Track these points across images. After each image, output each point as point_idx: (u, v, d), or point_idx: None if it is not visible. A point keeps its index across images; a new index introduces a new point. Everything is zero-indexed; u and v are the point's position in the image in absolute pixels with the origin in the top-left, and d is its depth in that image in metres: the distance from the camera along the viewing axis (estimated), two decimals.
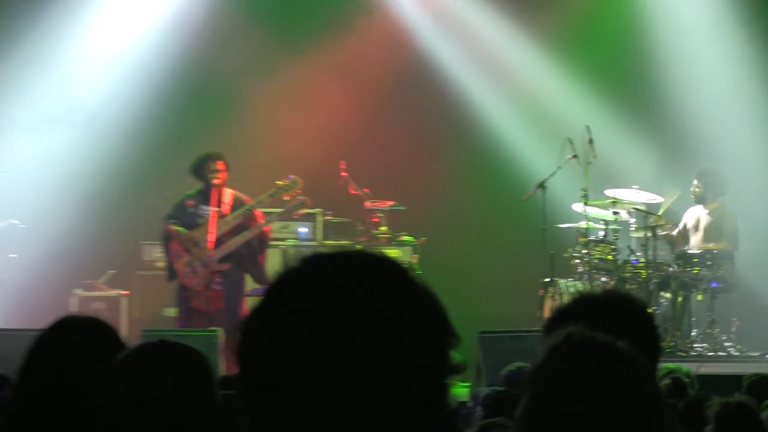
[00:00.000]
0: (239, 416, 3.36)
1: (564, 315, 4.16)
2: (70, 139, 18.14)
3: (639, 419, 3.24)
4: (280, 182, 15.08)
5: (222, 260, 14.71)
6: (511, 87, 18.84)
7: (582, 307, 4.23)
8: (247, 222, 14.77)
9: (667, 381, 8.90)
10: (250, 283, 15.32)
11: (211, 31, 18.83)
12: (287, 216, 16.04)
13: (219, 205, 14.77)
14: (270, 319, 2.37)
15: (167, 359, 3.75)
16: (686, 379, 9.48)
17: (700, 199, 16.90)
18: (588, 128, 16.41)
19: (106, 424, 3.72)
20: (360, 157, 18.14)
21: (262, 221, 14.93)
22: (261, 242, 15.06)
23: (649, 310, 4.21)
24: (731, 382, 10.90)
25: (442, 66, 19.03)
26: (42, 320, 13.15)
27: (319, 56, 18.85)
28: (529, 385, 3.32)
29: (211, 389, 3.81)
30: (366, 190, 17.91)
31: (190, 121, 18.39)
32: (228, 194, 14.91)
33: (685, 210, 17.28)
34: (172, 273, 14.86)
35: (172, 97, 18.42)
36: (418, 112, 18.96)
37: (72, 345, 4.23)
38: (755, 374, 10.29)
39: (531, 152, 18.28)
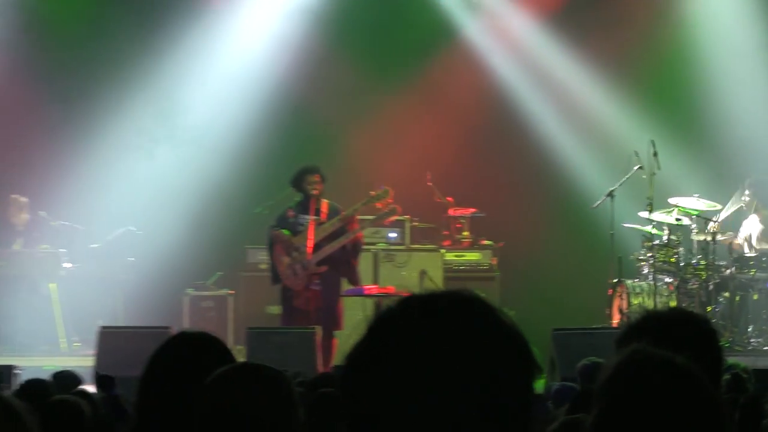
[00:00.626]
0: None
1: (633, 331, 4.15)
2: (180, 155, 18.29)
3: (697, 426, 3.30)
4: (373, 192, 15.08)
5: (320, 263, 14.64)
6: (578, 108, 18.72)
7: (649, 323, 4.21)
8: (344, 227, 14.75)
9: (727, 376, 8.53)
10: (345, 285, 15.22)
11: (309, 58, 18.76)
12: (379, 222, 16.00)
13: (317, 214, 14.72)
14: (375, 357, 2.36)
15: (253, 382, 3.74)
16: (744, 375, 9.36)
17: (751, 207, 17.02)
18: (653, 142, 16.29)
19: None
20: (444, 170, 18.29)
21: (357, 227, 14.91)
22: (355, 246, 15.00)
23: (712, 326, 4.00)
24: None
25: (518, 93, 18.90)
26: (158, 318, 13.84)
27: (409, 83, 18.78)
28: (598, 399, 3.42)
29: (290, 413, 3.79)
30: (450, 199, 18.10)
31: (289, 138, 18.35)
32: (324, 204, 14.86)
33: (743, 218, 17.25)
34: (276, 277, 14.89)
35: (274, 116, 18.47)
36: (497, 132, 18.89)
37: (184, 359, 4.23)
38: None
39: (599, 165, 18.16)
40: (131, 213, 18.16)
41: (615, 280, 16.74)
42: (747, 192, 17.10)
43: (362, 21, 19.03)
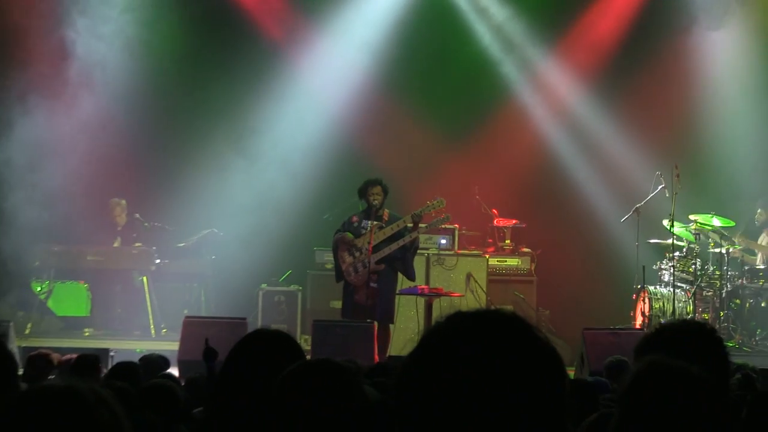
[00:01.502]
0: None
1: (651, 340, 4.16)
2: (259, 170, 18.37)
3: (706, 427, 3.39)
4: (430, 202, 14.86)
5: (378, 262, 14.50)
6: (606, 144, 18.71)
7: (664, 334, 4.21)
8: (402, 231, 14.60)
9: (738, 376, 8.62)
10: (400, 284, 15.05)
11: (374, 107, 18.82)
12: (434, 229, 15.72)
13: (378, 220, 14.58)
14: (425, 369, 2.36)
15: (324, 378, 3.70)
16: (754, 374, 9.16)
17: (763, 224, 17.04)
18: (676, 165, 16.16)
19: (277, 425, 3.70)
20: (491, 185, 18.40)
21: (415, 231, 14.70)
22: (413, 243, 14.83)
23: (718, 335, 3.98)
24: None
25: (557, 142, 18.97)
26: (235, 310, 13.90)
27: (466, 135, 18.95)
28: (620, 404, 3.57)
29: (361, 405, 3.73)
30: (494, 211, 18.17)
31: (355, 153, 18.37)
32: (385, 212, 14.72)
33: (759, 233, 17.21)
34: (339, 275, 14.78)
35: (338, 151, 18.55)
36: (540, 170, 18.92)
37: (260, 354, 4.19)
38: None
39: (627, 185, 18.05)
40: (215, 217, 18.23)
41: (638, 286, 16.68)
42: (759, 210, 17.08)
43: (426, 80, 19.11)
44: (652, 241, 16.98)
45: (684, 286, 16.63)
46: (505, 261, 17.93)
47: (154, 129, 18.17)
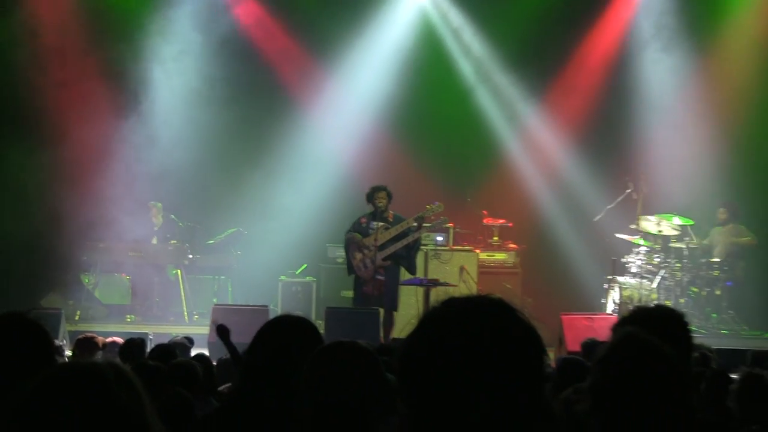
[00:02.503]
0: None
1: (627, 320, 4.18)
2: (279, 182, 18.47)
3: (670, 396, 3.40)
4: (429, 206, 14.86)
5: (385, 259, 14.55)
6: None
7: (639, 315, 4.24)
8: (406, 231, 14.58)
9: (696, 354, 8.27)
10: (402, 276, 14.95)
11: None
12: (434, 229, 15.90)
13: (384, 221, 14.60)
14: (424, 346, 2.39)
15: (348, 360, 3.65)
16: (710, 354, 9.26)
17: (723, 222, 17.01)
18: (643, 174, 16.58)
19: (306, 409, 3.61)
20: (481, 190, 18.53)
21: (419, 232, 14.76)
22: (416, 242, 14.87)
23: (686, 319, 4.44)
24: (742, 355, 10.95)
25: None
26: (258, 298, 13.84)
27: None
28: (595, 370, 3.55)
29: (383, 379, 3.68)
30: (484, 212, 18.23)
31: (358, 169, 18.04)
32: (390, 214, 14.73)
33: (710, 229, 17.27)
34: (350, 269, 14.78)
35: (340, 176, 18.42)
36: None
37: (282, 338, 4.12)
38: (758, 349, 10.60)
39: (600, 189, 17.96)
40: (240, 219, 18.24)
41: (610, 277, 16.59)
42: (721, 210, 17.06)
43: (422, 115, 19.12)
44: (621, 237, 16.86)
45: (649, 276, 16.56)
46: (494, 255, 17.90)
47: (191, 144, 18.11)
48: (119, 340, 9.91)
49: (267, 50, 19.12)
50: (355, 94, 18.97)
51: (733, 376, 6.85)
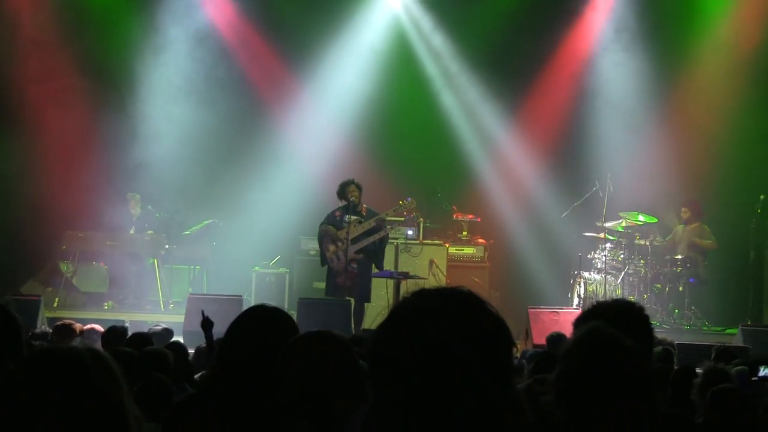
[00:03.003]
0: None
1: (588, 315, 4.14)
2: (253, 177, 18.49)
3: (633, 390, 3.43)
4: (402, 202, 14.99)
5: (357, 252, 14.57)
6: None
7: (600, 310, 4.21)
8: (378, 226, 14.64)
9: (658, 349, 8.68)
10: (374, 268, 14.97)
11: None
12: (406, 224, 16.09)
13: (357, 214, 14.64)
14: (394, 337, 2.40)
15: (323, 349, 3.65)
16: (672, 350, 9.39)
17: (686, 221, 17.03)
18: (609, 174, 16.65)
19: (281, 397, 3.61)
20: (451, 186, 18.57)
21: (387, 227, 14.91)
22: (383, 240, 14.88)
23: (645, 313, 4.07)
24: (704, 350, 10.92)
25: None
26: (232, 288, 13.82)
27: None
28: (561, 362, 3.56)
29: (357, 368, 3.66)
30: (455, 207, 18.27)
31: (344, 160, 17.71)
32: (363, 207, 14.77)
33: (673, 227, 17.34)
34: (323, 261, 14.77)
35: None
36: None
37: (258, 327, 4.10)
38: (721, 344, 10.58)
39: (565, 186, 17.98)
40: (216, 210, 18.21)
41: (575, 272, 16.83)
42: (684, 208, 17.11)
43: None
44: (587, 234, 16.95)
45: (614, 272, 16.66)
46: (463, 250, 17.94)
47: (169, 138, 18.09)
48: (98, 327, 9.93)
49: (240, 49, 19.07)
50: (327, 92, 18.97)
51: (698, 370, 6.93)
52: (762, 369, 7.62)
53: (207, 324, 7.17)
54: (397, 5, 19.42)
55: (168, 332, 10.01)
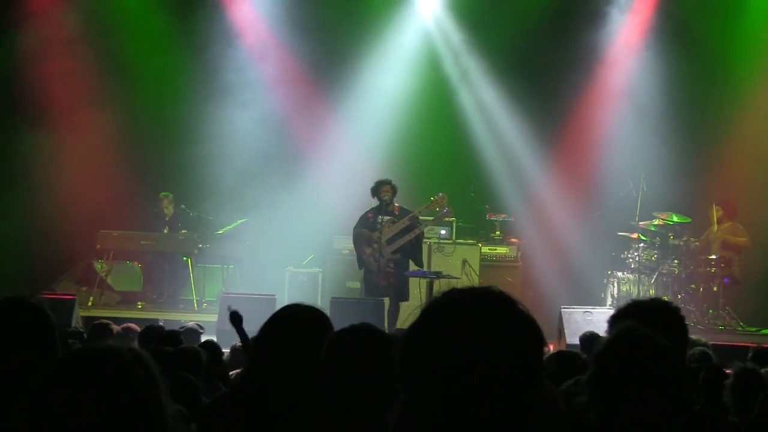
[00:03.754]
0: None
1: (624, 313, 4.19)
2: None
3: (666, 389, 3.48)
4: (433, 198, 15.03)
5: (393, 252, 14.65)
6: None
7: (635, 308, 4.24)
8: (412, 225, 14.67)
9: (697, 350, 8.74)
10: (412, 266, 15.04)
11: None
12: (437, 221, 15.96)
13: (390, 214, 14.71)
14: (426, 336, 2.39)
15: (366, 343, 3.68)
16: (708, 351, 9.09)
17: (720, 220, 16.96)
18: (642, 175, 16.70)
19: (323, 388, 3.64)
20: (485, 185, 18.50)
21: (420, 224, 14.91)
22: (419, 238, 14.91)
23: (681, 312, 4.43)
24: (739, 350, 10.98)
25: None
26: (265, 288, 13.81)
27: None
28: (595, 362, 3.62)
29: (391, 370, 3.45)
30: (487, 206, 18.25)
31: (376, 159, 17.93)
32: (396, 207, 14.81)
33: (705, 227, 17.21)
34: (360, 263, 14.87)
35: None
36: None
37: (289, 326, 4.14)
38: (759, 346, 10.21)
39: (598, 186, 18.01)
40: (248, 208, 18.26)
41: (609, 272, 16.78)
42: (717, 207, 16.99)
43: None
44: (620, 233, 16.87)
45: (647, 272, 16.57)
46: (495, 249, 17.91)
47: (203, 138, 18.26)
48: (134, 326, 9.99)
49: (273, 50, 19.03)
50: (361, 93, 18.93)
51: (728, 371, 6.85)
52: None
53: (235, 319, 7.21)
54: (427, 11, 19.48)
55: (200, 327, 10.09)
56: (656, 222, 16.68)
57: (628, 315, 4.12)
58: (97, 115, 17.79)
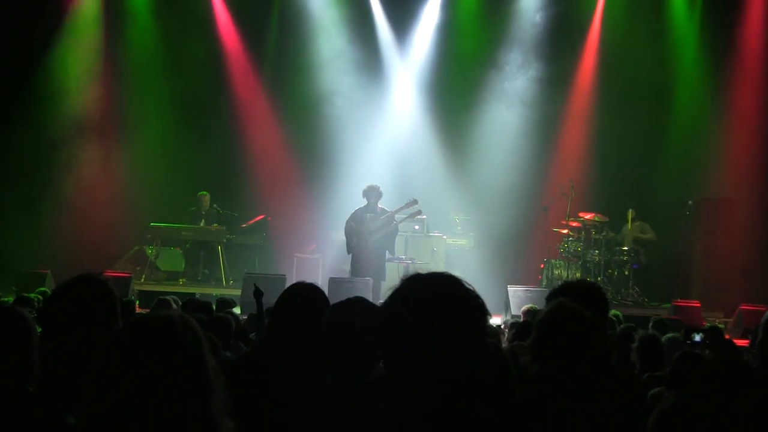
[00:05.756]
0: None
1: (557, 292, 4.20)
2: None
3: (592, 350, 3.54)
4: (407, 202, 14.91)
5: (375, 242, 14.57)
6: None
7: (566, 288, 4.26)
8: (390, 221, 14.61)
9: (612, 317, 8.81)
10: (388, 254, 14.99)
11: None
12: (410, 218, 15.54)
13: (374, 212, 14.61)
14: (395, 305, 2.45)
15: (358, 313, 3.59)
16: (615, 319, 9.37)
17: (631, 219, 16.92)
18: (571, 181, 16.66)
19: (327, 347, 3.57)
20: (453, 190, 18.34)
21: (396, 221, 14.79)
22: (393, 232, 14.87)
23: (603, 291, 4.46)
24: (643, 320, 11.00)
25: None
26: (278, 269, 13.75)
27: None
28: (535, 330, 3.67)
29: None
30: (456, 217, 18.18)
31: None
32: (379, 206, 14.70)
33: (620, 225, 17.12)
34: (349, 249, 14.78)
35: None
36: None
37: (298, 299, 4.07)
38: (658, 317, 10.45)
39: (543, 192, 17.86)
40: (266, 206, 18.12)
41: (545, 259, 16.74)
42: (630, 210, 17.01)
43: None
44: (554, 229, 16.82)
45: (574, 260, 16.57)
46: (457, 241, 17.87)
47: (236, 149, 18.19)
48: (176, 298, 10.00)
49: None
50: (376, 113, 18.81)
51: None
52: (695, 336, 7.54)
53: (258, 294, 7.21)
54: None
55: (232, 302, 10.10)
56: (582, 220, 16.61)
57: (560, 293, 4.14)
58: (149, 129, 17.78)
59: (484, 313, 2.47)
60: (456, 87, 18.61)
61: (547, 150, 18.32)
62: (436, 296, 2.42)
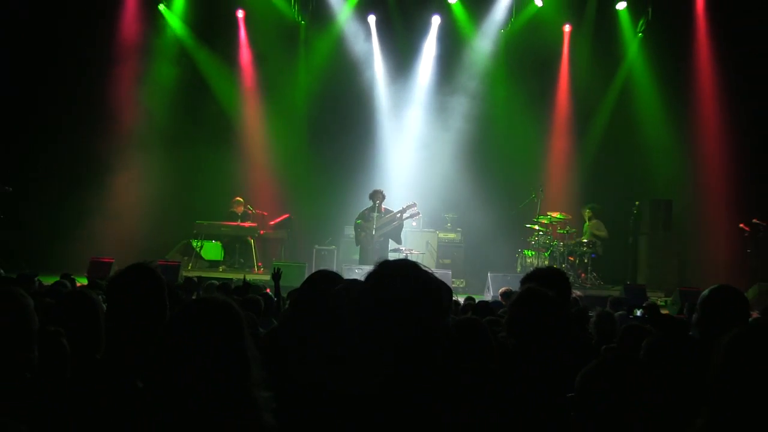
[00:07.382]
0: None
1: (529, 277, 4.16)
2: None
3: (555, 323, 3.51)
4: (407, 204, 14.97)
5: (380, 236, 14.57)
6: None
7: (536, 274, 4.22)
8: (393, 218, 14.63)
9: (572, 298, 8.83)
10: (392, 244, 15.06)
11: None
12: (410, 217, 15.49)
13: (379, 212, 14.60)
14: (369, 285, 2.40)
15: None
16: (577, 299, 9.36)
17: (589, 218, 16.85)
18: (541, 186, 16.53)
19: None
20: (443, 191, 18.04)
21: (399, 218, 14.84)
22: (397, 228, 14.89)
23: (567, 276, 4.37)
24: (600, 299, 11.00)
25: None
26: (300, 258, 13.66)
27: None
28: (509, 310, 3.66)
29: None
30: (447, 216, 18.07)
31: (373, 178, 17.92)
32: (383, 207, 14.71)
33: (581, 222, 17.07)
34: (357, 241, 14.85)
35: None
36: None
37: (320, 281, 3.82)
38: (612, 297, 10.58)
39: (517, 195, 17.51)
40: (289, 208, 18.05)
41: (519, 250, 16.70)
42: (587, 210, 16.93)
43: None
44: (527, 225, 16.69)
45: (543, 250, 16.48)
46: (448, 235, 17.81)
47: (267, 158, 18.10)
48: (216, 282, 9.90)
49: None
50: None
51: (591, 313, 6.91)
52: (636, 311, 7.55)
53: (276, 276, 7.14)
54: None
55: (257, 287, 10.00)
56: (549, 218, 16.51)
57: (532, 278, 4.09)
58: (191, 145, 17.70)
59: (440, 295, 2.40)
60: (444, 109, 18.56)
61: (522, 161, 18.18)
62: (398, 278, 2.37)
